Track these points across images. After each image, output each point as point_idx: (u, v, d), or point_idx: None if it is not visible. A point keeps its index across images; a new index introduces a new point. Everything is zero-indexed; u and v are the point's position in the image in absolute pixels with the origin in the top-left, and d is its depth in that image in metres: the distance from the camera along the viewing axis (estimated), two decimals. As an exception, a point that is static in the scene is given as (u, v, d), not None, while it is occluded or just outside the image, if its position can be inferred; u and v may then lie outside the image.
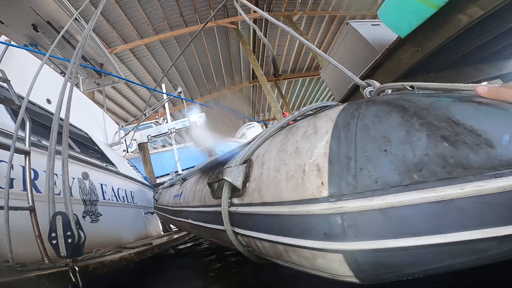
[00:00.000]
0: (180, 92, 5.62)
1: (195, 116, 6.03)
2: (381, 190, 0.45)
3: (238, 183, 0.75)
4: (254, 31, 11.75)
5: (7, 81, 1.90)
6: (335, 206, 0.49)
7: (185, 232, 2.94)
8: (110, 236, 2.36)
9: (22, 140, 1.62)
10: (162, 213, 2.39)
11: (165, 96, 7.26)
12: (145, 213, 3.19)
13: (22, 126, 1.65)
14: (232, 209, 0.80)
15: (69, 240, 0.79)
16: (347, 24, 3.65)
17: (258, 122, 9.27)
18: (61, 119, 1.35)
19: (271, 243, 0.67)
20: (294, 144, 0.64)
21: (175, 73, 12.27)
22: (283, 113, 8.72)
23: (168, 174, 5.48)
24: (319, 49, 11.84)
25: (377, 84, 0.83)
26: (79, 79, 4.55)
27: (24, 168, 1.53)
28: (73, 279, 0.80)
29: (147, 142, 5.01)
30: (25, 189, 1.54)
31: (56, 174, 1.98)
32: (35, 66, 2.34)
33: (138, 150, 5.01)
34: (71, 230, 0.79)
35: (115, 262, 1.08)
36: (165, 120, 7.40)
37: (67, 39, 3.86)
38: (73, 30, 3.81)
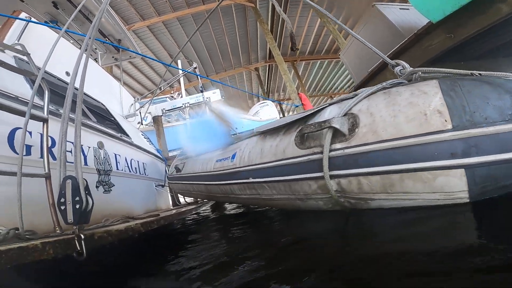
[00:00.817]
0: (195, 68, 5.57)
1: (209, 93, 6.01)
2: (491, 123, 0.77)
3: (345, 129, 0.98)
4: (273, 10, 11.32)
5: (27, 54, 1.95)
6: (460, 133, 0.77)
7: (193, 206, 3.05)
8: (120, 207, 2.45)
9: (41, 108, 1.67)
10: (188, 182, 2.49)
11: (180, 71, 7.25)
12: (156, 186, 3.30)
13: (41, 95, 1.70)
14: (333, 153, 0.99)
15: (77, 206, 0.82)
16: (372, 6, 3.42)
17: (272, 101, 9.12)
18: (77, 89, 1.39)
19: (384, 174, 0.88)
20: (405, 100, 0.89)
21: (191, 50, 12.13)
22: (298, 93, 8.49)
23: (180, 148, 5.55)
24: (341, 32, 11.27)
25: (406, 65, 1.11)
26: (97, 54, 4.61)
27: (42, 135, 1.59)
28: (78, 247, 0.83)
29: (161, 115, 5.09)
30: (42, 156, 1.62)
31: (72, 143, 2.07)
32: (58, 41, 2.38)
33: (152, 123, 5.11)
34: (80, 195, 0.82)
35: (121, 231, 1.12)
36: (180, 95, 7.45)
37: (86, 16, 3.88)
38: (92, 7, 3.81)
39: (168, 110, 5.51)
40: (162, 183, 3.46)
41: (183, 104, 5.73)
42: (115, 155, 2.50)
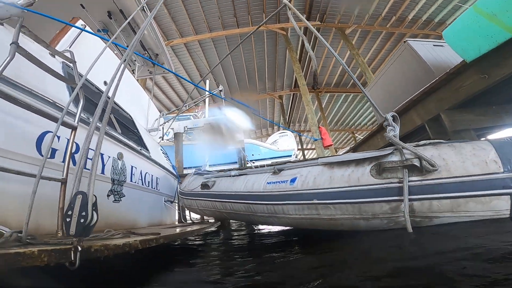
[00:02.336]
0: (220, 91, 5.78)
1: (230, 113, 6.15)
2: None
3: (423, 167, 1.43)
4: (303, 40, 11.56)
5: (73, 62, 2.12)
6: (508, 174, 1.28)
7: (200, 226, 2.99)
8: (126, 218, 2.48)
9: (73, 115, 1.77)
10: (221, 200, 2.73)
11: (206, 92, 7.56)
12: (164, 201, 3.32)
13: (77, 102, 1.82)
14: (411, 183, 1.44)
15: (82, 220, 0.83)
16: (404, 42, 3.43)
17: (291, 132, 9.14)
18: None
19: (454, 198, 1.35)
20: (470, 152, 1.41)
21: (220, 70, 12.70)
22: (318, 127, 8.46)
23: (197, 166, 5.63)
24: (370, 65, 11.30)
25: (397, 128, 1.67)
26: (135, 65, 4.93)
27: (68, 141, 1.67)
28: (72, 258, 0.83)
29: (183, 132, 5.24)
30: (63, 161, 1.69)
31: (93, 150, 2.16)
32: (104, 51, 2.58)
33: (173, 139, 5.27)
34: (87, 211, 0.83)
35: (118, 246, 1.11)
36: (203, 115, 7.68)
37: (133, 28, 4.19)
38: (139, 20, 4.12)
39: (189, 128, 5.67)
40: (172, 199, 3.47)
41: (204, 124, 5.88)
42: (132, 167, 2.57)
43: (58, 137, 1.84)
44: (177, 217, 3.71)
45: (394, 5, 10.12)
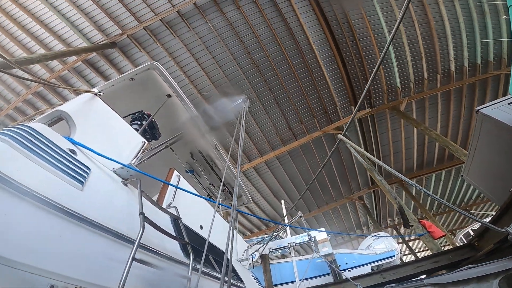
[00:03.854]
0: (300, 217, 5.98)
1: (315, 232, 5.96)
2: None
3: None
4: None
5: (179, 218, 2.50)
6: None
7: None
8: None
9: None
10: None
11: (286, 220, 7.79)
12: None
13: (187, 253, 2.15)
14: None
15: None
16: (476, 113, 3.15)
17: (384, 231, 7.90)
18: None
19: None
20: None
21: (292, 188, 13.01)
22: (419, 221, 7.23)
23: (287, 282, 5.59)
24: (446, 135, 10.24)
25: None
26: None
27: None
28: None
29: (268, 254, 5.16)
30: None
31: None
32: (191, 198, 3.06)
33: (259, 260, 5.18)
34: None
35: None
36: (285, 234, 7.58)
37: (211, 166, 4.82)
38: (214, 157, 4.73)
39: (274, 249, 5.62)
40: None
41: (288, 243, 5.79)
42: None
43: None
44: None
45: (429, 63, 9.98)
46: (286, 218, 7.23)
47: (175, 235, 2.40)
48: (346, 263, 4.99)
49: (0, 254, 1.26)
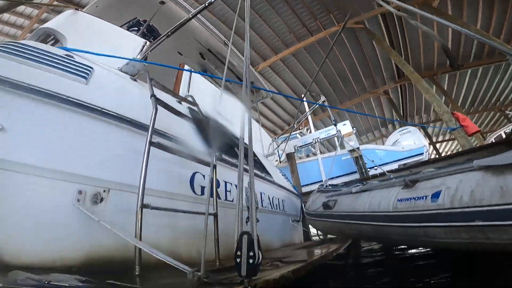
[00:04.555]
0: (324, 101, 5.61)
1: (339, 125, 5.82)
2: None
3: None
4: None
5: (196, 105, 2.41)
6: None
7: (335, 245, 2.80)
8: (262, 242, 2.56)
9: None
10: (345, 221, 2.41)
11: (306, 107, 7.52)
12: (292, 221, 3.32)
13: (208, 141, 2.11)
14: None
15: (250, 261, 0.84)
16: None
17: (413, 125, 7.68)
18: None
19: None
20: None
21: (313, 85, 12.42)
22: (452, 113, 6.77)
23: (314, 183, 5.60)
24: (488, 31, 8.43)
25: None
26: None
27: (211, 179, 1.91)
28: None
29: (293, 152, 5.32)
30: (212, 196, 1.94)
31: (231, 183, 2.41)
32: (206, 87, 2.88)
33: (286, 160, 5.42)
34: (254, 250, 0.85)
35: (276, 281, 1.09)
36: (309, 130, 7.65)
37: (224, 62, 4.49)
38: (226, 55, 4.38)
39: (299, 147, 5.75)
40: (297, 218, 3.45)
41: (313, 139, 5.83)
42: (261, 193, 2.72)
43: (204, 176, 2.15)
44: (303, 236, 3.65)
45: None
46: (307, 107, 6.94)
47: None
48: (372, 161, 4.99)
49: (25, 161, 1.23)
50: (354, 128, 5.90)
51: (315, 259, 1.86)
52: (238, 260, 0.87)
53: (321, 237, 3.77)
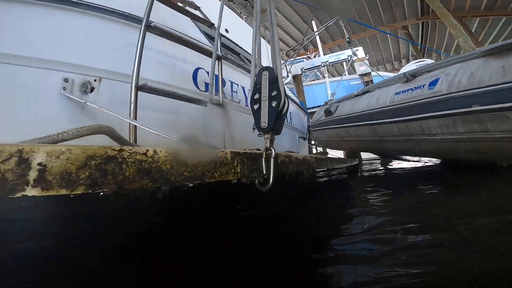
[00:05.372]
0: (338, 19, 5.00)
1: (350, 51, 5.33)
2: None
3: None
4: None
5: (198, 8, 2.19)
6: None
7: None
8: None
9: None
10: (343, 126, 2.32)
11: (315, 27, 6.78)
12: (298, 137, 3.24)
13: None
14: None
15: (273, 104, 0.68)
16: None
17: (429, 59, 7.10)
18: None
19: None
20: None
21: (324, 14, 11.01)
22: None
23: (320, 106, 5.39)
24: None
25: None
26: (243, 18, 4.86)
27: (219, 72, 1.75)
28: (264, 170, 0.69)
29: (300, 74, 5.01)
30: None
31: (237, 84, 2.22)
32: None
33: (292, 82, 5.12)
34: (277, 88, 0.67)
35: (299, 161, 0.99)
36: (317, 55, 7.10)
37: None
38: None
39: (307, 69, 5.37)
40: (304, 135, 3.38)
41: (322, 62, 5.43)
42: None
43: (207, 73, 1.94)
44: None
45: None
46: (315, 26, 6.31)
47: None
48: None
49: (7, 52, 1.13)
50: (367, 54, 5.44)
51: (335, 158, 1.83)
52: (255, 106, 0.72)
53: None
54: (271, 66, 0.76)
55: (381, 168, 3.30)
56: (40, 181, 0.35)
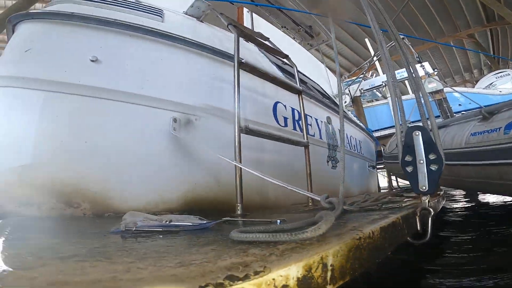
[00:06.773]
0: (404, 38, 4.73)
1: (416, 66, 4.94)
2: None
3: None
4: None
5: (294, 65, 2.10)
6: None
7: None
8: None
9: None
10: None
11: (370, 48, 6.54)
12: (368, 166, 3.04)
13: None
14: None
15: (433, 168, 0.61)
16: None
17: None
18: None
19: None
20: None
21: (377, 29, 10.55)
22: None
23: (384, 128, 5.07)
24: None
25: None
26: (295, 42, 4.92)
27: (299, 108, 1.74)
28: (419, 226, 0.64)
29: (359, 96, 4.78)
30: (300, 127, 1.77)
31: (311, 116, 2.19)
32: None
33: (350, 104, 4.90)
34: (437, 152, 0.60)
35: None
36: (374, 75, 6.77)
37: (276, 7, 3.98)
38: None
39: (366, 90, 5.11)
40: (373, 163, 3.16)
41: (382, 82, 5.09)
42: (339, 131, 2.46)
43: (285, 106, 1.96)
44: (381, 185, 3.38)
45: None
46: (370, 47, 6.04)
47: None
48: (460, 105, 4.16)
49: (118, 88, 1.22)
50: (436, 70, 4.97)
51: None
52: (409, 169, 0.65)
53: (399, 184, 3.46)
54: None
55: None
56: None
